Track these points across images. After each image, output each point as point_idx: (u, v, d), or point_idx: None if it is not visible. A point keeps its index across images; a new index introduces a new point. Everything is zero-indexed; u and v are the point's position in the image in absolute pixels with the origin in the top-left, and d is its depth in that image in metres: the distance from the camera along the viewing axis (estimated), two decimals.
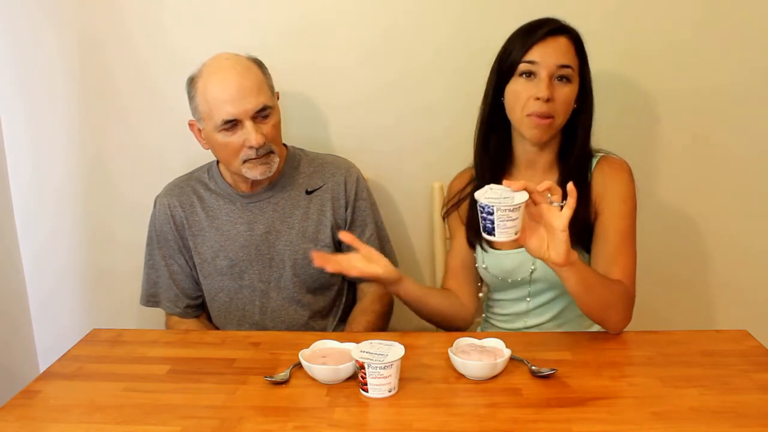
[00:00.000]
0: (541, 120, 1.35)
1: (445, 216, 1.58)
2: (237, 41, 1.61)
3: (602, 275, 1.31)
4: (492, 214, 1.11)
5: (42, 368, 1.43)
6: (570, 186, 1.13)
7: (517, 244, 1.44)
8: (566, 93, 1.35)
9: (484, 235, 1.14)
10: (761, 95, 1.74)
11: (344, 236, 1.36)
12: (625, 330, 1.32)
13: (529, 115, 1.35)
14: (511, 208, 1.11)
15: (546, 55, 1.34)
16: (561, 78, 1.35)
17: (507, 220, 1.12)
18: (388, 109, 1.81)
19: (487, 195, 1.13)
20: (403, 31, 1.76)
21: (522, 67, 1.35)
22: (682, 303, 1.88)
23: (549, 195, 1.15)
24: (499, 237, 1.13)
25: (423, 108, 1.80)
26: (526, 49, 1.35)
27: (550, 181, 1.14)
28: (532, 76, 1.35)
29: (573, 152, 1.42)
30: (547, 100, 1.33)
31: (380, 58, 1.78)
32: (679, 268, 1.86)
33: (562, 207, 1.14)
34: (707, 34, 1.71)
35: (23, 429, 1.07)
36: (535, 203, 1.15)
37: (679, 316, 1.87)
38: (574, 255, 1.18)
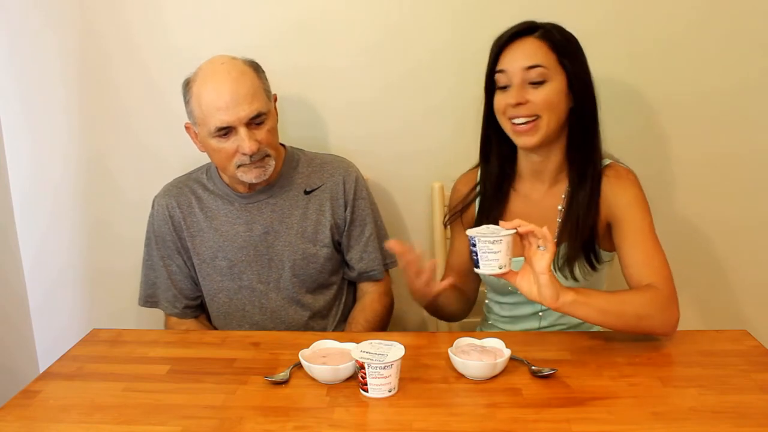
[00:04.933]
0: (523, 126, 1.34)
1: (449, 222, 1.56)
2: (237, 42, 1.61)
3: (619, 293, 1.27)
4: (475, 246, 1.16)
5: (42, 368, 1.43)
6: (545, 231, 1.13)
7: (518, 253, 1.45)
8: (543, 93, 1.32)
9: (474, 268, 1.18)
10: (766, 96, 1.73)
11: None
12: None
13: (511, 120, 1.35)
14: (491, 240, 1.14)
15: (513, 61, 1.33)
16: (534, 81, 1.32)
17: (488, 252, 1.15)
18: (388, 110, 1.81)
19: (477, 229, 1.17)
20: (402, 33, 1.76)
21: (497, 78, 1.36)
22: (682, 303, 1.86)
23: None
24: (483, 269, 1.17)
25: (423, 109, 1.80)
26: (496, 58, 1.35)
27: (537, 227, 1.13)
28: (508, 87, 1.34)
29: (579, 157, 1.39)
30: (518, 104, 1.32)
31: (380, 60, 1.78)
32: (678, 268, 1.84)
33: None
34: (709, 35, 1.70)
35: (23, 429, 1.08)
36: (524, 242, 1.16)
37: (692, 315, 1.86)
38: (568, 296, 1.17)
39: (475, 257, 1.17)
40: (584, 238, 1.37)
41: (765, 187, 1.79)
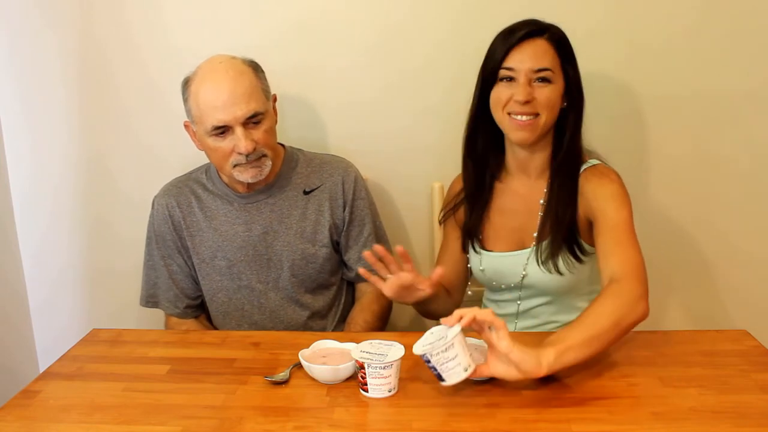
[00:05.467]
0: (523, 122, 1.35)
1: (443, 220, 1.58)
2: (237, 42, 1.60)
3: (587, 313, 1.19)
4: (430, 361, 1.06)
5: (42, 368, 1.43)
6: (483, 313, 1.07)
7: (514, 245, 1.44)
8: (547, 93, 1.35)
9: (441, 383, 1.09)
10: (757, 99, 1.73)
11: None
12: None
13: (510, 114, 1.36)
14: (444, 348, 1.05)
15: (523, 60, 1.34)
16: (540, 80, 1.35)
17: (446, 362, 1.06)
18: (388, 110, 1.81)
19: (423, 342, 1.08)
20: (401, 34, 1.76)
21: (501, 73, 1.36)
22: (682, 303, 1.87)
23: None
24: (450, 381, 1.07)
25: (423, 109, 1.80)
26: (504, 54, 1.35)
27: (476, 312, 1.07)
28: (513, 80, 1.36)
29: (562, 155, 1.40)
30: (526, 102, 1.33)
31: (380, 60, 1.78)
32: (678, 269, 1.85)
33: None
34: (704, 38, 1.70)
35: (23, 429, 1.08)
36: (475, 328, 1.10)
37: (679, 316, 1.87)
38: (549, 354, 1.08)
39: (435, 372, 1.07)
40: (564, 233, 1.38)
41: (765, 188, 1.79)
